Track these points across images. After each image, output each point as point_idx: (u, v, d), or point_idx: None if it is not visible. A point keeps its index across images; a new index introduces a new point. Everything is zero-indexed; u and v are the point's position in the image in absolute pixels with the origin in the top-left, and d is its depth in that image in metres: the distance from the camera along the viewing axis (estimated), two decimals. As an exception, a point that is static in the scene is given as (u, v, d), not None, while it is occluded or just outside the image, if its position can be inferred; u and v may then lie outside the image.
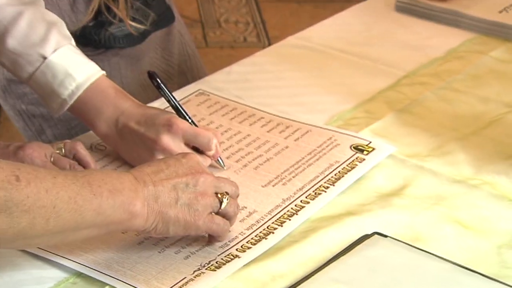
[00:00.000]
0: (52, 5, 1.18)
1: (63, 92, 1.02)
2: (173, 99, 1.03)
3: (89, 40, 1.22)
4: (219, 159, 1.00)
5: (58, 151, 0.98)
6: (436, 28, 1.37)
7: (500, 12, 1.38)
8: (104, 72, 1.04)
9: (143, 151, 0.99)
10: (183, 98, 1.14)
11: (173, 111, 1.02)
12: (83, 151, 0.98)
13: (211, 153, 0.99)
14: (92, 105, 1.02)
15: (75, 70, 1.01)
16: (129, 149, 1.01)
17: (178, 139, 0.98)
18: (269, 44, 3.24)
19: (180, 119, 0.99)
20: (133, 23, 1.22)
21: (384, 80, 1.21)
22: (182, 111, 1.02)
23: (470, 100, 1.17)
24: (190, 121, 1.01)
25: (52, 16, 1.06)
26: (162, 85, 1.02)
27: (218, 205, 0.85)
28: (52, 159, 0.96)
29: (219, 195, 0.85)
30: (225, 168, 1.01)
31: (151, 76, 1.03)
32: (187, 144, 0.99)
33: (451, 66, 1.26)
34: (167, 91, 1.03)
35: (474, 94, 1.19)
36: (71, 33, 1.06)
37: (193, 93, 1.18)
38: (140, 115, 1.00)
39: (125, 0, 1.14)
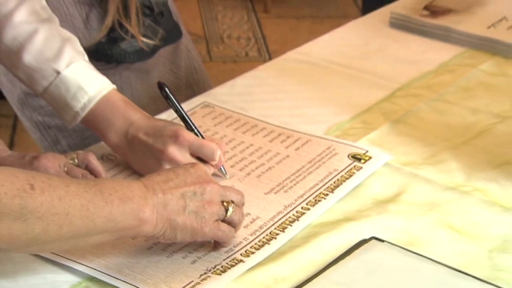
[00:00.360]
0: (66, 22, 1.17)
1: (75, 105, 1.01)
2: (180, 109, 1.02)
3: (102, 55, 1.21)
4: (222, 168, 0.99)
5: (71, 161, 0.97)
6: (428, 43, 1.36)
7: (489, 27, 1.38)
8: (114, 86, 1.03)
9: (151, 161, 0.98)
10: (189, 110, 1.13)
11: (180, 122, 1.02)
12: (94, 162, 0.98)
13: (214, 162, 0.98)
14: (103, 117, 1.01)
15: (87, 84, 1.01)
16: (138, 159, 1.00)
17: (184, 150, 0.97)
18: (270, 58, 3.24)
19: (186, 130, 0.98)
20: (143, 39, 1.21)
21: (380, 92, 1.21)
22: (189, 121, 1.01)
23: (461, 111, 1.17)
24: (196, 131, 1.00)
25: (66, 33, 1.05)
26: (170, 95, 1.02)
27: (224, 213, 0.84)
28: (65, 169, 0.95)
29: (225, 204, 0.84)
30: (227, 177, 1.00)
31: (161, 87, 1.02)
32: (192, 154, 0.98)
33: (443, 79, 1.25)
34: (175, 102, 1.02)
35: (464, 106, 1.18)
36: (84, 49, 1.06)
37: (199, 105, 1.17)
38: (149, 127, 0.99)
39: (137, 18, 1.13)
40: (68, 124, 1.04)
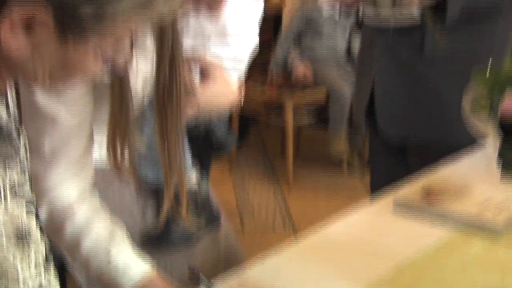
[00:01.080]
0: (127, 214, 1.21)
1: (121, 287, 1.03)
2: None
3: (155, 241, 1.23)
4: None
5: None
6: (427, 223, 1.38)
7: (479, 209, 1.39)
8: (152, 270, 1.05)
9: None
10: (224, 286, 1.14)
11: None
12: None
13: None
14: None
15: (130, 269, 1.03)
16: None
17: None
18: (293, 229, 3.26)
19: None
20: (191, 228, 1.24)
21: (387, 266, 1.21)
22: None
23: (460, 283, 1.16)
24: None
25: (116, 224, 1.08)
26: (203, 277, 1.02)
27: None
28: None
29: None
30: None
31: (193, 272, 1.03)
32: None
33: (442, 254, 1.25)
34: (203, 280, 1.02)
35: (462, 279, 1.17)
36: (140, 235, 1.08)
37: (233, 281, 1.17)
38: None
39: (186, 211, 1.16)
40: None
